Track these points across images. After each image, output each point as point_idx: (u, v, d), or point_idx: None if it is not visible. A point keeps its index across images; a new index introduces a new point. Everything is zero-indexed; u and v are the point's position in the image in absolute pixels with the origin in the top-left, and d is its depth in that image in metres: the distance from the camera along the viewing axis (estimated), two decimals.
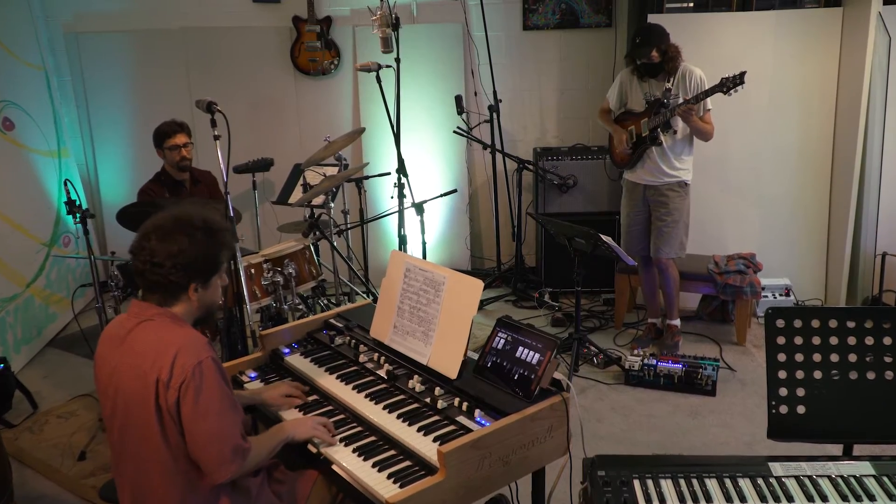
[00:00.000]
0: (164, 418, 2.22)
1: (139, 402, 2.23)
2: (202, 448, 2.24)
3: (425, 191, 5.96)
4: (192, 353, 2.23)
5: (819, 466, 2.22)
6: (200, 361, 2.22)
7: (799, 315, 2.44)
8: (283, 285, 4.49)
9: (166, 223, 2.33)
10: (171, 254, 2.28)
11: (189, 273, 2.32)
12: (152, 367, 2.21)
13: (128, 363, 2.27)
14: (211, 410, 2.23)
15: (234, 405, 2.33)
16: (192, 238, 2.31)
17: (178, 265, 2.29)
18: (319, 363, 3.05)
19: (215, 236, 2.38)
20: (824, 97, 5.65)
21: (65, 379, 5.17)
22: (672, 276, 5.05)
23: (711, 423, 4.37)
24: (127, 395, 2.27)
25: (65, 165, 6.34)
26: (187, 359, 2.21)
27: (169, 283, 2.31)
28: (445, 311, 2.77)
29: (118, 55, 6.53)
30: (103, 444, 4.21)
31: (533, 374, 2.54)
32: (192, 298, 2.37)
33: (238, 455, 2.29)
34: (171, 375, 2.19)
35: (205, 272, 2.37)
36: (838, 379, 2.41)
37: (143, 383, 2.21)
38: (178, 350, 2.22)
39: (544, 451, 2.51)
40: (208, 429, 2.23)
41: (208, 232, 2.36)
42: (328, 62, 6.51)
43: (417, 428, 2.50)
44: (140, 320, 2.33)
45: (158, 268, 2.29)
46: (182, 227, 2.32)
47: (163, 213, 2.38)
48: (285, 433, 2.53)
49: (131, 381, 2.25)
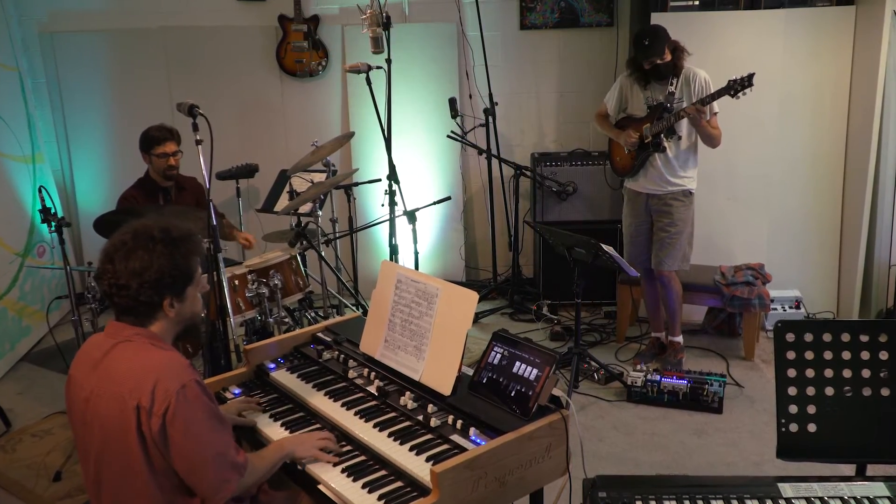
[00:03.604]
0: (149, 446, 2.19)
1: (119, 429, 2.19)
2: (196, 474, 2.23)
3: (417, 198, 5.96)
4: (174, 378, 2.19)
5: (831, 487, 2.22)
6: (184, 385, 2.19)
7: (810, 328, 2.45)
8: (269, 297, 4.48)
9: (126, 240, 2.26)
10: (135, 272, 2.22)
11: (158, 289, 2.26)
12: (131, 393, 2.17)
13: (105, 389, 2.23)
14: (202, 435, 2.21)
15: (224, 424, 2.31)
16: (153, 252, 2.24)
17: (145, 283, 2.23)
18: (307, 379, 3.04)
19: (178, 245, 2.30)
20: (836, 100, 5.67)
21: (40, 395, 5.15)
22: (675, 289, 5.05)
23: (718, 441, 4.37)
24: (105, 423, 2.23)
25: (39, 171, 6.33)
26: (169, 384, 2.17)
27: (139, 303, 2.26)
28: (439, 324, 2.77)
29: (95, 56, 6.53)
30: (79, 465, 4.18)
31: (531, 391, 2.54)
32: (169, 314, 2.32)
33: (234, 474, 2.27)
34: (153, 402, 2.15)
35: (175, 285, 2.30)
36: (851, 395, 2.41)
37: (123, 410, 2.17)
38: (158, 376, 2.18)
39: (543, 471, 2.51)
40: (201, 454, 2.22)
41: (170, 242, 2.28)
42: (316, 63, 6.52)
43: (409, 447, 2.49)
44: (117, 341, 2.29)
45: (125, 290, 2.24)
46: (141, 243, 2.25)
47: (122, 229, 2.31)
48: (285, 451, 2.50)
49: (110, 407, 2.21)
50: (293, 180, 5.61)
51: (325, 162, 5.53)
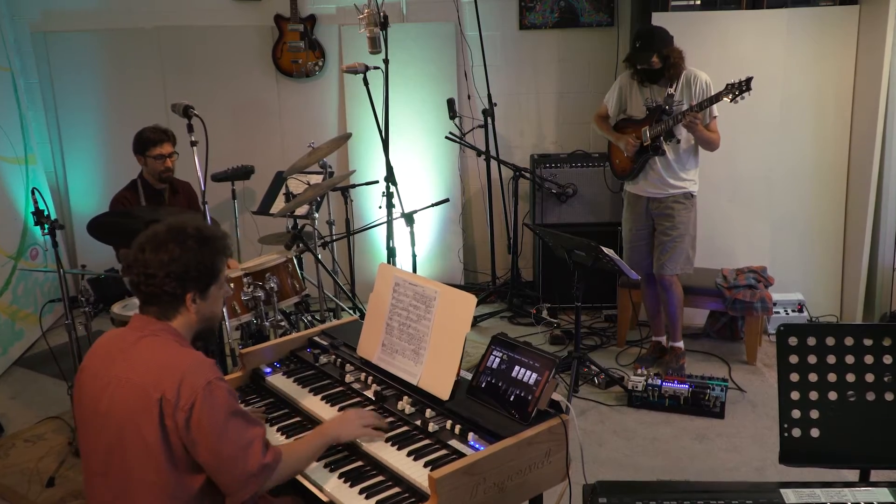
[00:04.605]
0: (171, 439, 2.22)
1: (138, 420, 2.22)
2: (220, 469, 2.25)
3: (415, 200, 5.96)
4: (201, 375, 2.24)
5: (834, 493, 2.21)
6: (209, 382, 2.23)
7: (813, 332, 2.45)
8: (265, 300, 4.48)
9: (159, 233, 2.37)
10: (163, 263, 2.32)
11: (183, 282, 2.35)
12: (156, 385, 2.21)
13: (129, 379, 2.26)
14: (226, 433, 2.24)
15: (250, 421, 2.33)
16: (184, 246, 2.34)
17: (172, 274, 2.32)
18: (303, 383, 3.04)
19: (208, 243, 2.40)
20: (840, 101, 5.68)
21: (32, 400, 5.14)
22: (676, 294, 5.04)
23: (719, 447, 4.37)
24: (124, 412, 2.25)
25: (32, 173, 6.33)
26: (196, 380, 2.22)
27: (163, 293, 2.35)
28: (437, 327, 2.77)
29: (89, 56, 6.53)
30: (73, 470, 4.19)
31: (530, 395, 2.54)
32: (191, 310, 2.40)
33: (261, 471, 2.28)
34: (179, 396, 2.20)
35: (200, 281, 2.39)
36: (855, 400, 2.41)
37: (146, 400, 2.21)
38: (185, 371, 2.23)
39: (542, 476, 2.51)
40: (225, 450, 2.24)
41: (201, 239, 2.39)
42: (312, 63, 6.53)
43: (407, 452, 2.49)
44: (143, 335, 2.35)
45: (152, 279, 2.33)
46: (174, 237, 2.35)
47: (158, 224, 2.42)
48: (328, 436, 2.54)
49: (131, 397, 2.24)
50: (289, 182, 5.61)
51: (321, 163, 5.52)
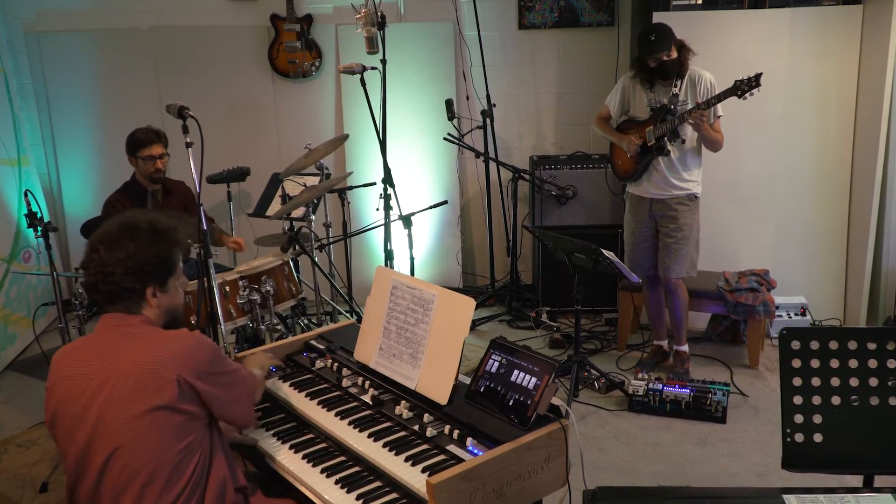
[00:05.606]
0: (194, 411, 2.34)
1: (153, 401, 2.25)
2: (234, 412, 2.52)
3: (413, 202, 5.95)
4: (200, 347, 2.39)
5: (837, 499, 2.22)
6: (210, 350, 2.41)
7: (816, 336, 2.45)
8: (261, 304, 4.48)
9: (112, 231, 2.41)
10: (120, 260, 2.35)
11: (142, 277, 2.39)
12: (165, 364, 2.29)
13: (132, 369, 2.28)
14: (235, 384, 2.50)
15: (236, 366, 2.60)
16: (139, 242, 2.38)
17: (129, 270, 2.36)
18: (299, 388, 3.04)
19: (162, 236, 2.44)
20: (843, 102, 5.68)
21: (25, 405, 5.13)
22: (682, 297, 5.05)
23: (721, 452, 4.37)
24: (132, 400, 2.25)
25: (25, 175, 6.33)
26: (200, 353, 2.38)
27: (123, 290, 2.38)
28: (435, 331, 2.77)
29: (83, 56, 6.52)
30: (68, 467, 4.18)
31: (529, 400, 2.54)
32: (153, 304, 2.44)
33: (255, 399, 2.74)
34: (188, 369, 2.31)
35: (158, 274, 2.43)
36: (858, 405, 2.41)
37: (159, 381, 2.27)
38: (184, 345, 2.36)
39: (542, 482, 2.50)
40: (236, 396, 2.52)
41: (154, 233, 2.43)
42: (309, 64, 6.53)
43: (405, 458, 2.49)
44: (124, 330, 2.38)
45: (111, 277, 2.36)
46: (127, 233, 2.39)
47: (108, 221, 2.46)
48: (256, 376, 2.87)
49: (138, 384, 2.26)
50: (286, 184, 5.60)
51: (318, 165, 5.51)
